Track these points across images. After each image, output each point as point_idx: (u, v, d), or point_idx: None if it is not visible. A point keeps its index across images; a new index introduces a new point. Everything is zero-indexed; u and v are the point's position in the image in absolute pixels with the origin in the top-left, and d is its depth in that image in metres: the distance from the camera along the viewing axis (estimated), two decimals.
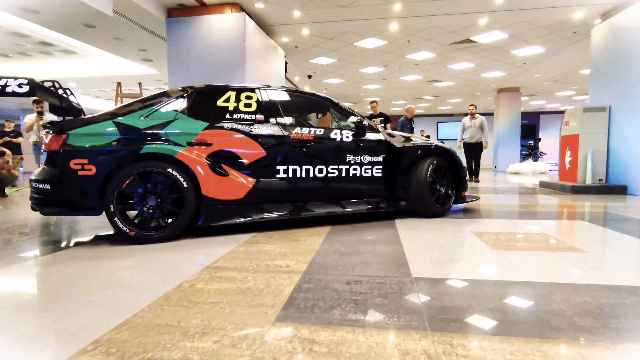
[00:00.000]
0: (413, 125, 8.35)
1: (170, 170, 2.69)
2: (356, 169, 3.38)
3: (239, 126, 3.00)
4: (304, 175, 3.18)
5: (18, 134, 7.98)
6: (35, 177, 2.71)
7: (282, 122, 3.20)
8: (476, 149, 8.60)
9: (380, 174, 3.50)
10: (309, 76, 12.14)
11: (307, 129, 3.24)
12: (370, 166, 3.44)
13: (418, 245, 2.57)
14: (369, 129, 3.50)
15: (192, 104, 2.99)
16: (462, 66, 11.05)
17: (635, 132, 5.82)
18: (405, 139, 3.70)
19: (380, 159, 3.49)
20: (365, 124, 3.48)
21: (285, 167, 3.11)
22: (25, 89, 2.56)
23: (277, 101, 3.28)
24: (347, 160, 3.34)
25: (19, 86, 2.54)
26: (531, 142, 15.72)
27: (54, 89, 2.74)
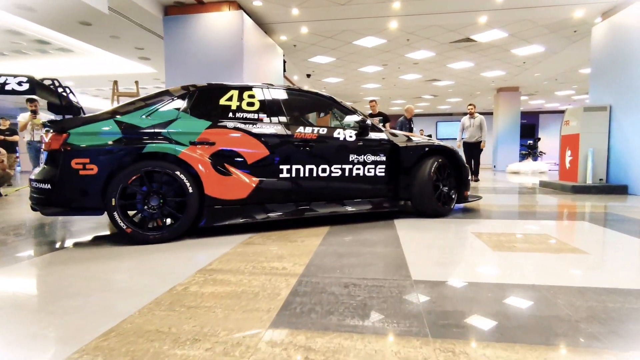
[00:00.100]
0: (412, 125, 8.31)
1: (174, 171, 2.66)
2: (359, 169, 3.36)
3: (242, 125, 2.97)
4: (307, 174, 3.15)
5: (13, 132, 7.90)
6: (35, 176, 2.67)
7: (285, 121, 3.17)
8: (476, 148, 8.56)
9: (383, 174, 3.48)
10: (308, 75, 12.08)
11: (310, 128, 3.20)
12: (373, 166, 3.42)
13: (418, 247, 2.52)
14: (372, 128, 3.49)
15: (195, 102, 2.96)
16: (461, 65, 10.99)
17: (636, 131, 5.78)
18: (407, 138, 3.68)
19: (384, 158, 3.47)
20: (369, 123, 3.48)
21: (289, 166, 3.08)
22: (25, 86, 2.52)
23: (280, 100, 3.26)
24: (350, 159, 3.32)
25: (19, 84, 2.49)
26: (530, 142, 15.68)
27: (53, 87, 2.70)
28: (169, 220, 2.75)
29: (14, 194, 6.17)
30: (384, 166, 3.47)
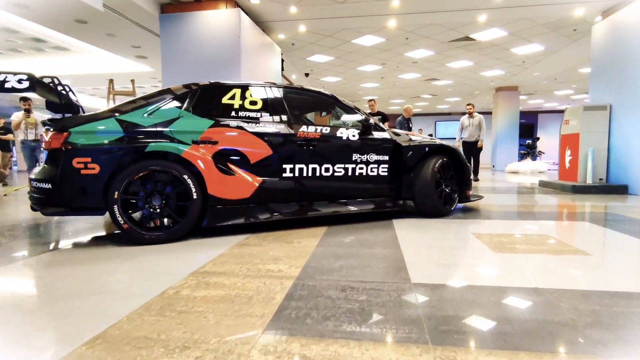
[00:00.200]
0: (411, 125, 8.27)
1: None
2: (362, 168, 3.34)
3: (245, 124, 2.94)
4: (310, 174, 3.13)
5: (8, 130, 7.81)
6: (35, 176, 2.63)
7: (288, 120, 3.14)
8: (475, 147, 8.54)
9: (386, 173, 3.46)
10: (306, 74, 12.02)
11: (313, 127, 3.18)
12: (376, 165, 3.40)
13: (417, 248, 2.47)
14: (374, 127, 3.47)
15: (197, 101, 2.93)
16: (460, 64, 10.95)
17: (636, 131, 5.74)
18: (410, 137, 3.67)
19: (387, 157, 3.46)
20: (372, 122, 3.47)
21: (292, 166, 3.05)
22: (25, 84, 2.47)
23: (282, 99, 3.23)
24: (353, 159, 3.30)
25: (19, 82, 2.44)
26: (529, 141, 15.64)
27: (53, 85, 2.66)
28: (166, 221, 2.69)
29: (12, 194, 6.10)
30: (386, 165, 3.45)
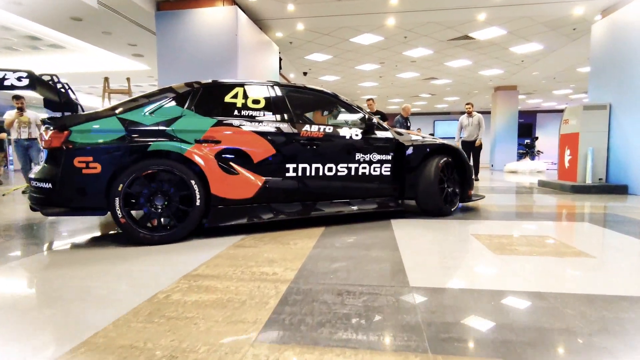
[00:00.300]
0: (409, 124, 8.23)
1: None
2: (365, 168, 3.32)
3: (247, 123, 2.92)
4: (313, 173, 3.10)
5: (1, 129, 7.72)
6: (35, 175, 2.57)
7: (291, 119, 3.11)
8: (475, 146, 8.50)
9: (389, 173, 3.44)
10: (305, 73, 11.95)
11: (316, 127, 3.15)
12: (379, 165, 3.38)
13: (416, 250, 2.41)
14: (377, 126, 3.45)
15: (199, 99, 2.89)
16: (459, 63, 10.90)
17: (637, 130, 5.69)
18: (412, 137, 3.65)
19: (389, 157, 3.44)
20: (375, 121, 3.45)
21: (295, 165, 3.02)
22: (25, 82, 2.42)
23: (285, 98, 3.20)
24: (356, 158, 3.28)
25: (18, 79, 2.39)
26: (528, 141, 15.62)
27: (52, 83, 2.60)
28: (163, 220, 2.64)
29: (12, 193, 6.01)
30: (389, 165, 3.44)
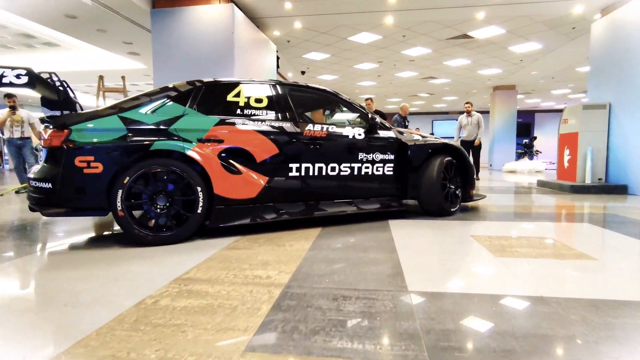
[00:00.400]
0: (407, 124, 8.17)
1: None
2: (368, 167, 3.30)
3: (250, 122, 2.88)
4: (316, 173, 3.07)
5: None
6: (34, 175, 2.51)
7: (294, 119, 3.08)
8: (474, 146, 8.45)
9: (392, 172, 3.42)
10: (303, 72, 11.88)
11: (319, 126, 3.13)
12: (382, 164, 3.36)
13: (414, 252, 2.35)
14: (380, 126, 3.43)
15: (201, 98, 2.85)
16: (458, 62, 10.85)
17: (636, 130, 5.65)
18: (414, 136, 3.63)
19: (392, 157, 3.41)
20: (378, 120, 3.42)
21: (298, 165, 2.99)
22: (24, 79, 2.35)
23: (288, 97, 3.16)
24: (359, 158, 3.25)
25: (17, 77, 2.33)
26: (526, 141, 15.58)
27: (50, 81, 2.54)
28: (165, 222, 2.59)
29: (9, 193, 5.93)
30: (392, 165, 3.41)
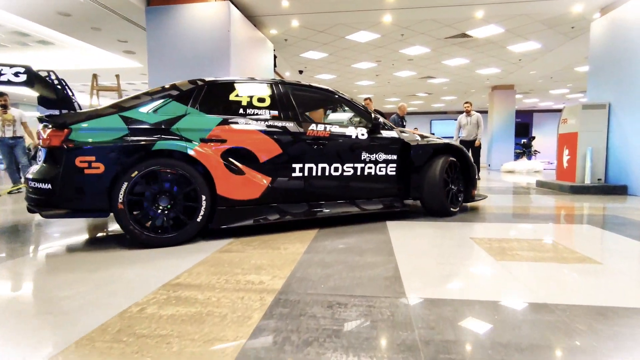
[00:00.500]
0: (404, 123, 8.11)
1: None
2: (371, 168, 3.27)
3: (253, 122, 2.83)
4: (319, 173, 3.04)
5: None
6: (32, 175, 2.44)
7: (297, 118, 3.04)
8: (474, 146, 8.40)
9: (394, 173, 3.39)
10: (300, 71, 11.80)
11: (322, 126, 3.09)
12: (384, 164, 3.33)
13: (412, 255, 2.28)
14: (383, 126, 3.39)
15: (204, 97, 2.80)
16: (456, 62, 10.79)
17: (636, 130, 5.59)
18: (417, 136, 3.59)
19: (395, 157, 3.39)
20: (381, 120, 3.39)
21: (301, 165, 2.95)
22: (23, 77, 2.28)
23: (291, 96, 3.11)
24: (362, 158, 3.22)
25: (16, 75, 2.27)
26: (525, 141, 15.55)
27: (49, 79, 2.47)
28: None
29: (7, 195, 5.82)
30: (394, 165, 3.38)
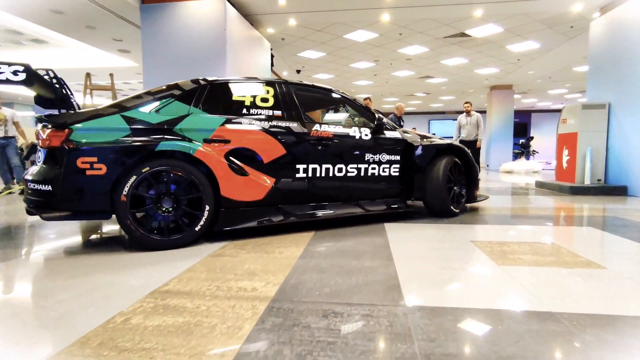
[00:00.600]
0: (402, 123, 8.04)
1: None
2: (375, 168, 3.25)
3: (257, 122, 2.80)
4: (323, 174, 3.02)
5: None
6: (32, 176, 2.37)
7: (300, 119, 3.00)
8: (474, 147, 8.33)
9: (398, 173, 3.36)
10: (298, 71, 11.72)
11: (326, 126, 3.06)
12: (388, 165, 3.32)
13: (411, 260, 2.21)
14: (386, 126, 3.36)
15: (207, 97, 2.76)
16: (455, 62, 10.74)
17: (636, 130, 5.54)
18: (420, 137, 3.57)
19: (398, 157, 3.37)
20: (384, 121, 3.35)
21: (305, 165, 2.93)
22: (22, 76, 2.22)
23: (294, 96, 3.06)
24: (365, 158, 3.20)
25: (14, 73, 2.21)
26: (523, 141, 15.52)
27: (48, 78, 2.41)
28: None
29: (6, 196, 5.72)
30: (398, 165, 3.36)
